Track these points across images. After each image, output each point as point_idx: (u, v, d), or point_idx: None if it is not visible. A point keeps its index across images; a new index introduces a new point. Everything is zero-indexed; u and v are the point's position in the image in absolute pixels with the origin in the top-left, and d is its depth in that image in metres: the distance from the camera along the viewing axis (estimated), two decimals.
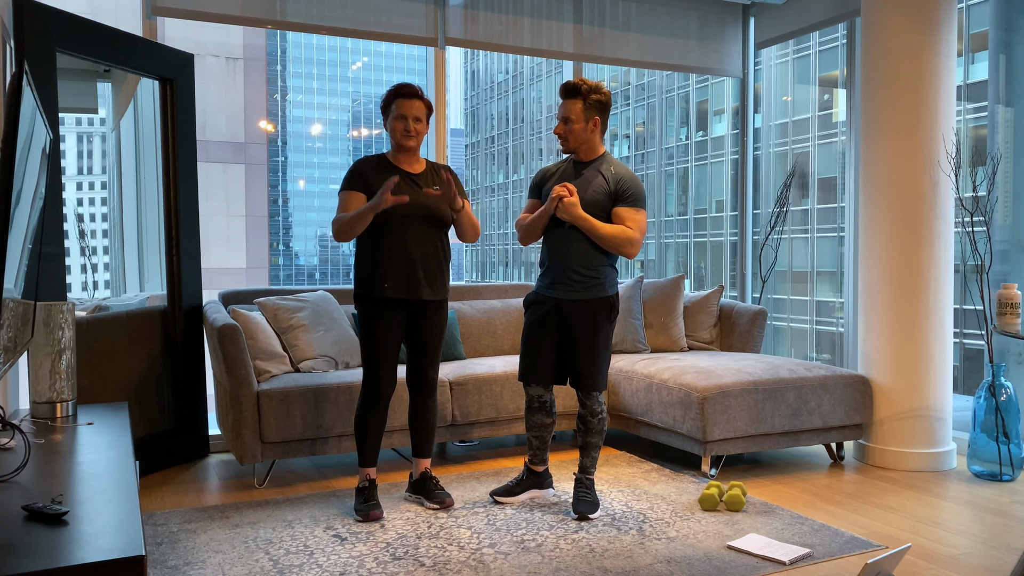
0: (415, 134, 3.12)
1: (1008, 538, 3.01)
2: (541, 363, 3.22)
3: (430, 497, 3.31)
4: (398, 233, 3.08)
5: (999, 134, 4.49)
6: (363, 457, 3.23)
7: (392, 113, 3.12)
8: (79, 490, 1.74)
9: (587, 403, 3.20)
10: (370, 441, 3.22)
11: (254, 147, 19.99)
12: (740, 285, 5.58)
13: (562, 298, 3.14)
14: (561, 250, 3.13)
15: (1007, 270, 4.38)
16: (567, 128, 3.13)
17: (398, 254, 3.09)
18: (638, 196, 3.13)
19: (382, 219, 3.07)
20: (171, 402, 4.05)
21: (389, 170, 3.14)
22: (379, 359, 3.14)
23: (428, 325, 3.22)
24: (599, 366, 3.17)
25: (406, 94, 3.13)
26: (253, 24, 4.31)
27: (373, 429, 3.21)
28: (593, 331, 3.14)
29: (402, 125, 3.11)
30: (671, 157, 18.33)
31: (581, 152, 3.18)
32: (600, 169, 3.15)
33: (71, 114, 4.06)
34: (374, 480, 3.25)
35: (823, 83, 10.66)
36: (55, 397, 2.56)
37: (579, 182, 3.14)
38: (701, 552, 2.83)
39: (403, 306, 3.16)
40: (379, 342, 3.13)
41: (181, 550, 2.85)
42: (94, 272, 4.20)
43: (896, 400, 3.95)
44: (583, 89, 3.12)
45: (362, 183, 3.10)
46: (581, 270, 3.11)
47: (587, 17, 5.07)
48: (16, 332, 2.06)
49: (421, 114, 3.13)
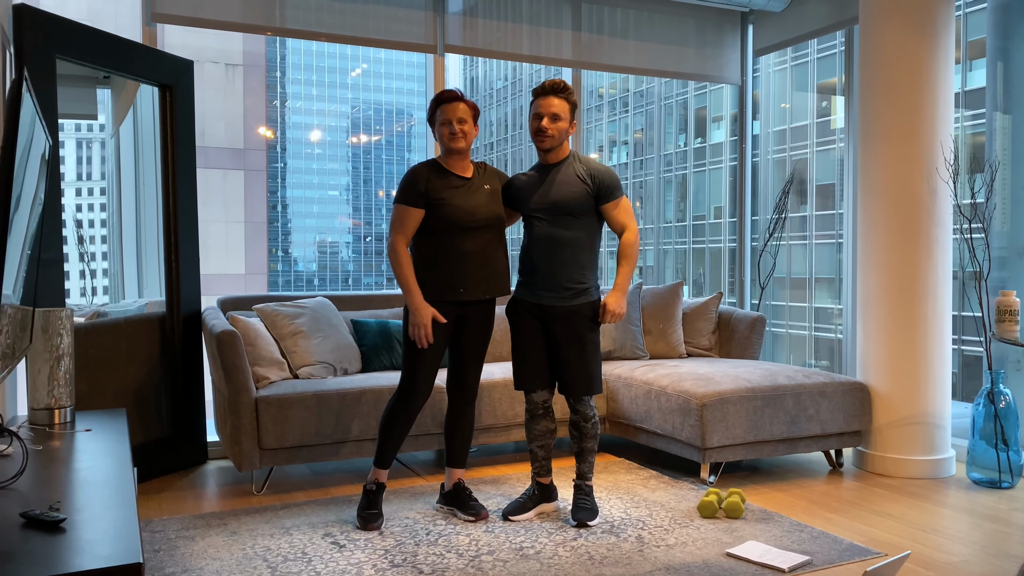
0: (462, 135, 3.12)
1: (1007, 545, 3.01)
2: (540, 368, 3.22)
3: (464, 508, 3.27)
4: (453, 239, 3.10)
5: (997, 141, 4.50)
6: (380, 457, 3.20)
7: (437, 120, 3.14)
8: (77, 497, 1.74)
9: (579, 409, 3.19)
10: (392, 442, 3.19)
11: (253, 153, 20.01)
12: (739, 292, 5.59)
13: (550, 305, 3.15)
14: (550, 260, 3.13)
15: (1005, 277, 4.38)
16: (555, 125, 3.12)
17: (453, 257, 3.11)
18: (617, 185, 3.18)
19: (445, 225, 3.09)
20: (169, 409, 4.04)
21: (444, 176, 3.13)
22: (421, 362, 3.13)
23: (472, 326, 3.21)
24: (591, 370, 3.17)
25: (447, 99, 3.14)
26: (253, 31, 4.32)
27: (399, 432, 3.18)
28: (583, 336, 3.15)
29: (447, 129, 3.11)
30: (669, 164, 18.35)
31: (554, 153, 3.18)
32: (572, 168, 3.16)
33: (71, 120, 4.07)
34: (383, 484, 3.23)
35: (821, 90, 10.68)
36: (53, 403, 2.55)
37: (555, 184, 3.14)
38: (700, 559, 2.82)
39: (454, 308, 3.15)
40: (420, 350, 3.11)
41: (179, 557, 2.84)
42: (93, 278, 4.19)
43: (895, 407, 3.95)
44: (567, 87, 3.15)
45: (421, 198, 3.09)
46: (571, 280, 3.13)
47: (586, 24, 5.08)
48: (14, 338, 2.06)
49: (466, 115, 3.13)
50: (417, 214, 3.10)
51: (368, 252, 25.29)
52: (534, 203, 3.15)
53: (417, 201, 3.09)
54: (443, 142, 3.15)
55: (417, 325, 3.06)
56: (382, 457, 3.20)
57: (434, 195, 3.09)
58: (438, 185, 3.11)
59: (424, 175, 3.12)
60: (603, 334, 4.57)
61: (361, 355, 4.13)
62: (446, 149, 3.15)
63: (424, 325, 3.05)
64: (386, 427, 3.18)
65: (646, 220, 18.85)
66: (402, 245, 3.10)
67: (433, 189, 3.10)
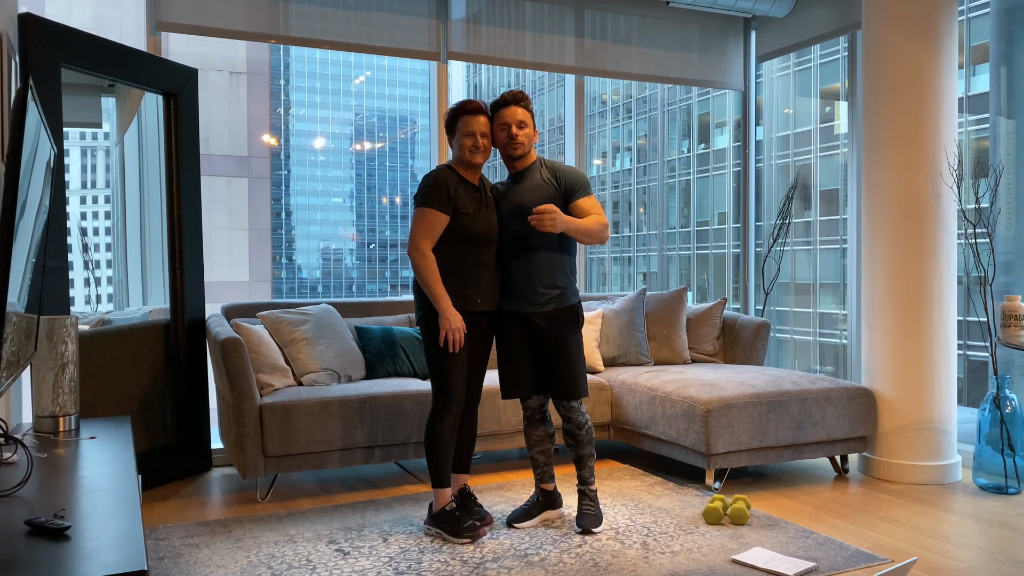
0: (484, 149, 3.12)
1: (1015, 551, 3.00)
2: (530, 375, 3.22)
3: (469, 515, 3.26)
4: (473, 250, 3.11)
5: (1001, 146, 4.49)
6: (437, 478, 3.14)
7: (459, 131, 3.11)
8: (81, 504, 1.74)
9: (571, 417, 3.18)
10: (444, 460, 3.14)
11: (257, 161, 20.05)
12: (743, 297, 5.58)
13: (530, 312, 3.15)
14: (523, 265, 3.13)
15: (1010, 282, 4.37)
16: (523, 132, 3.12)
17: (472, 268, 3.11)
18: (585, 183, 3.17)
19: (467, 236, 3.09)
20: (174, 416, 4.05)
21: (467, 186, 3.12)
22: (455, 368, 3.11)
23: (479, 335, 3.21)
24: (576, 373, 3.17)
25: (471, 111, 3.12)
26: (257, 39, 4.33)
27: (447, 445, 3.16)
28: (565, 341, 3.15)
29: (471, 141, 3.09)
30: (673, 170, 18.35)
31: (522, 161, 3.18)
32: (539, 173, 3.17)
33: (75, 128, 4.09)
34: (461, 491, 3.26)
35: (824, 95, 10.68)
36: (58, 411, 2.56)
37: (523, 190, 3.15)
38: (705, 566, 2.81)
39: (465, 318, 3.14)
40: (453, 353, 3.10)
41: (183, 565, 2.84)
42: (97, 286, 4.20)
43: (900, 412, 3.93)
44: (525, 96, 3.16)
45: (450, 205, 3.07)
46: (545, 284, 3.13)
47: (589, 31, 5.09)
48: (19, 346, 2.06)
49: (488, 130, 3.13)
50: (444, 220, 3.07)
51: (372, 259, 25.28)
52: (504, 210, 3.17)
53: (446, 207, 3.06)
54: (463, 154, 3.11)
55: (451, 330, 3.03)
56: (440, 476, 3.14)
57: (460, 205, 3.08)
58: (463, 195, 3.10)
59: (452, 182, 3.10)
60: (608, 340, 4.57)
61: (365, 362, 4.13)
62: (465, 161, 3.13)
63: (458, 328, 3.03)
64: (434, 448, 3.12)
65: (650, 226, 18.84)
66: (429, 249, 3.06)
67: (459, 199, 3.09)
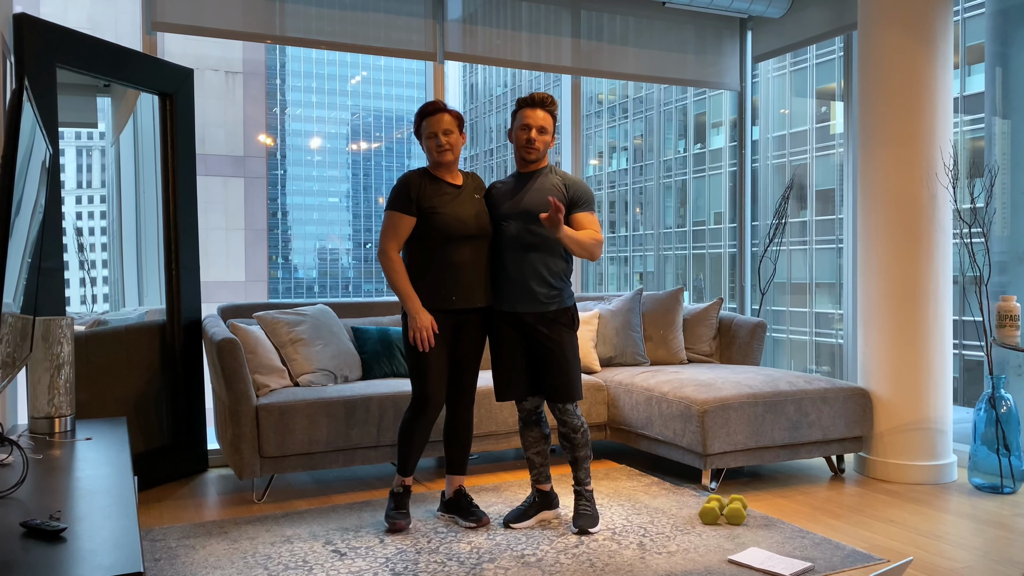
0: (448, 147, 3.14)
1: (1010, 551, 3.00)
2: (524, 377, 3.22)
3: (466, 516, 3.27)
4: (445, 247, 3.12)
5: (996, 146, 4.50)
6: (402, 466, 3.23)
7: (424, 133, 3.16)
8: (77, 506, 1.73)
9: (566, 420, 3.18)
10: (413, 453, 3.21)
11: (253, 161, 20.03)
12: (739, 297, 5.59)
13: (525, 312, 3.15)
14: (520, 265, 3.13)
15: (1006, 282, 4.38)
16: (542, 138, 3.15)
17: (444, 266, 3.13)
18: (591, 198, 3.20)
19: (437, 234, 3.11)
20: (170, 417, 4.04)
21: (436, 184, 3.15)
22: (428, 370, 3.13)
23: (468, 333, 3.22)
24: (571, 376, 3.16)
25: (430, 111, 3.16)
26: (253, 39, 4.32)
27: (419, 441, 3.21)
28: (561, 343, 3.15)
29: (434, 142, 3.13)
30: (669, 170, 18.38)
31: (535, 163, 3.20)
32: (549, 179, 3.18)
33: (71, 128, 4.08)
34: (409, 487, 3.26)
35: (820, 96, 10.70)
36: (53, 412, 2.55)
37: (528, 191, 3.16)
38: (702, 566, 2.82)
39: (447, 316, 3.16)
40: (427, 354, 3.12)
41: (180, 566, 2.84)
42: (93, 286, 4.20)
43: (896, 412, 3.94)
44: (553, 101, 3.19)
45: (413, 205, 3.11)
46: (541, 285, 3.13)
47: (585, 31, 5.09)
48: (15, 347, 2.06)
49: (451, 126, 3.15)
50: (409, 221, 3.11)
51: (368, 259, 25.29)
52: (506, 208, 3.17)
53: (409, 208, 3.11)
54: (431, 155, 3.17)
55: (417, 329, 3.07)
56: (404, 466, 3.23)
57: (426, 203, 3.11)
58: (429, 193, 3.13)
59: (416, 182, 3.14)
60: (604, 340, 4.57)
61: (362, 362, 4.12)
62: (434, 162, 3.17)
63: (424, 327, 3.06)
64: (405, 440, 3.20)
65: (646, 226, 18.86)
66: (395, 252, 3.12)
67: (425, 197, 3.12)
